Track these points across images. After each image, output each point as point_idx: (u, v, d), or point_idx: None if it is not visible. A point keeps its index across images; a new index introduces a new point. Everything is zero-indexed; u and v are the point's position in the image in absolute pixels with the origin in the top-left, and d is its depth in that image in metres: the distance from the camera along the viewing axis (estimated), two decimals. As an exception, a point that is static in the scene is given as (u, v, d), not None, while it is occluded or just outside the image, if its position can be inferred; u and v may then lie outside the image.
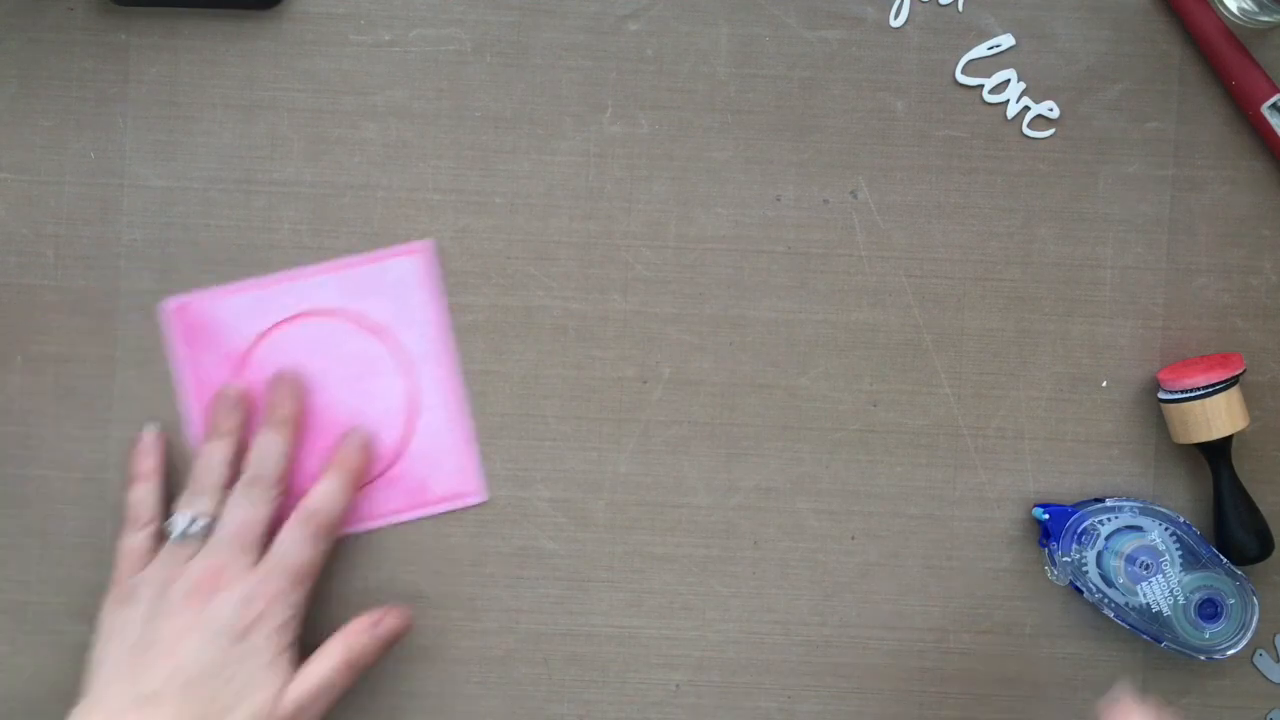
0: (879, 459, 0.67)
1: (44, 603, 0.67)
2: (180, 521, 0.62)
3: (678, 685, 0.68)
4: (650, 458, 0.68)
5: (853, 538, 0.68)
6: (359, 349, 0.66)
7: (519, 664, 0.68)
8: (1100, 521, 0.65)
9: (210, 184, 0.67)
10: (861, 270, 0.67)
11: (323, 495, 0.63)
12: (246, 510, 0.62)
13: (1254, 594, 0.65)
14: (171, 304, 0.66)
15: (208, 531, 0.61)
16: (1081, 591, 0.65)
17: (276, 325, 0.66)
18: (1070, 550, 0.65)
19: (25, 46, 0.67)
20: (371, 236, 0.67)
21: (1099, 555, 0.65)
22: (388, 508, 0.67)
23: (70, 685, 0.61)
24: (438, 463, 0.66)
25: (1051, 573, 0.66)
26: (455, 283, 0.67)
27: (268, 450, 0.63)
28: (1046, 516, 0.65)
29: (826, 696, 0.68)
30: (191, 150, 0.67)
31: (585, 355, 0.67)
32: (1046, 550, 0.66)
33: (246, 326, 0.66)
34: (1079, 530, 0.65)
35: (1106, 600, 0.65)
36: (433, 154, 0.67)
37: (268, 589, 0.60)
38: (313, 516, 0.63)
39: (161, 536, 0.63)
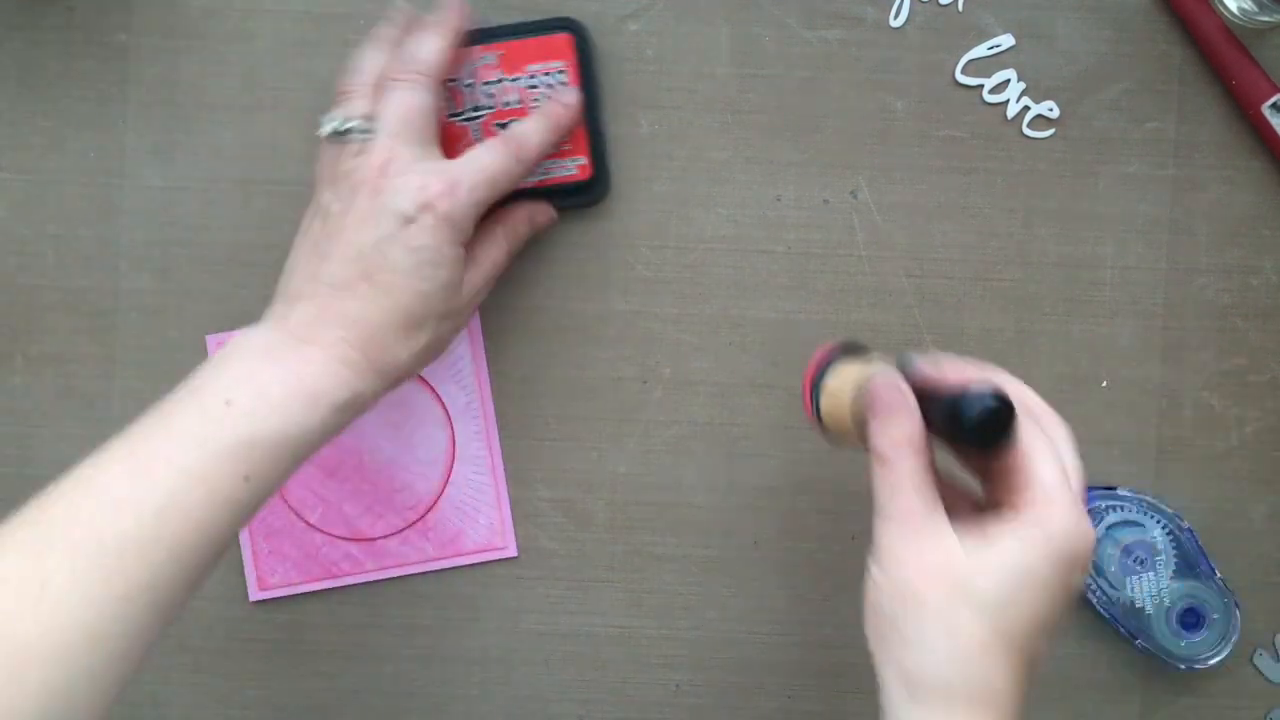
0: (879, 459, 0.67)
1: (44, 603, 0.67)
2: (331, 120, 0.58)
3: (678, 685, 0.68)
4: (650, 458, 0.68)
5: (853, 538, 0.68)
6: (403, 397, 0.66)
7: (519, 664, 0.68)
8: (1107, 508, 0.65)
9: (210, 184, 0.67)
10: (861, 270, 0.67)
11: (527, 125, 0.61)
12: (406, 96, 0.58)
13: (1238, 611, 0.65)
14: (212, 341, 0.66)
15: (367, 130, 0.57)
16: None
17: None
18: None
19: (25, 46, 0.67)
20: (371, 236, 0.67)
21: (1097, 542, 0.65)
22: (419, 555, 0.67)
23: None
24: (472, 514, 0.67)
25: None
26: (455, 283, 0.67)
27: (424, 43, 0.59)
28: None
29: (826, 696, 0.68)
30: (191, 150, 0.67)
31: (585, 355, 0.67)
32: None
33: None
34: None
35: (1092, 587, 0.65)
36: (433, 154, 0.67)
37: (443, 180, 0.56)
38: (514, 137, 0.60)
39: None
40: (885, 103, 0.67)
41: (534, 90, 0.64)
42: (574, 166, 0.65)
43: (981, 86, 0.67)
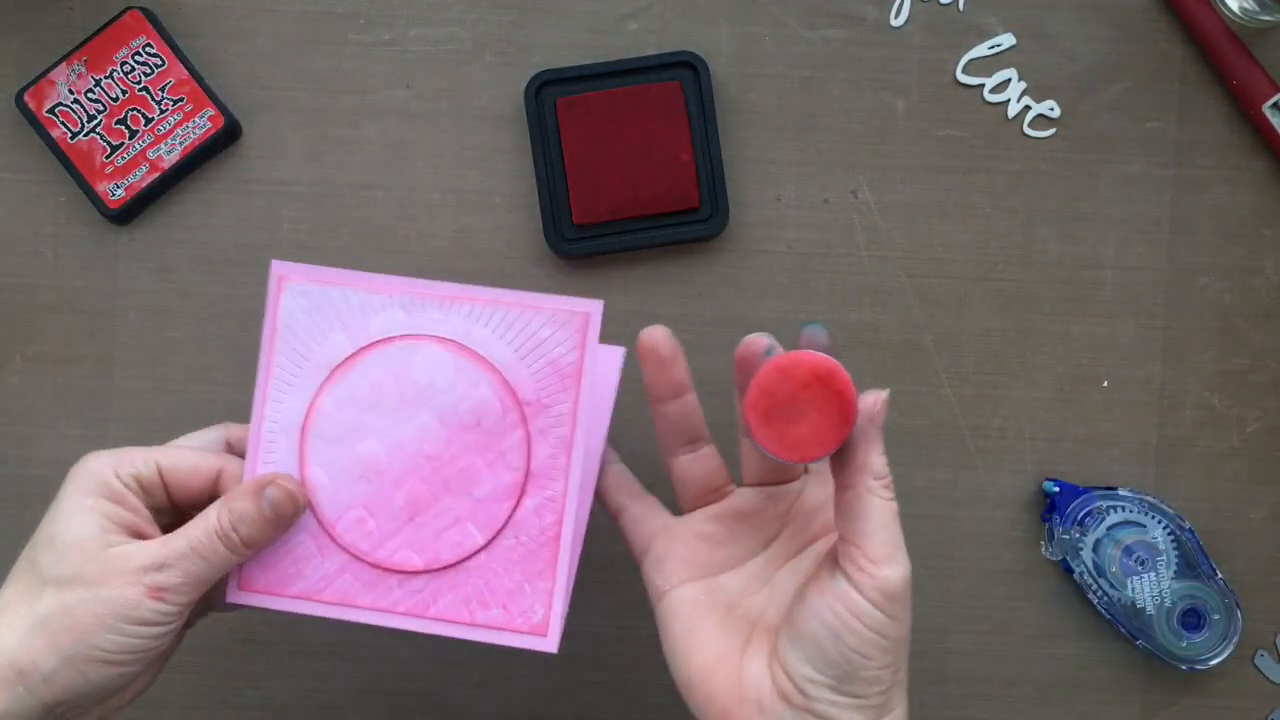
0: (879, 459, 0.67)
1: (44, 603, 0.67)
2: None
3: (678, 685, 0.68)
4: (651, 457, 0.67)
5: (853, 538, 0.68)
6: (374, 379, 0.54)
7: (518, 664, 0.68)
8: (1108, 509, 0.65)
9: (211, 184, 0.67)
10: (861, 270, 0.67)
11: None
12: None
13: (1239, 612, 0.65)
14: (280, 269, 0.54)
15: None
16: (1071, 572, 0.66)
17: (395, 339, 0.54)
18: (1070, 529, 0.65)
19: (25, 46, 0.67)
20: (371, 236, 0.67)
21: (1098, 542, 0.65)
22: (437, 608, 0.54)
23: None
24: (519, 580, 0.53)
25: (1046, 548, 0.66)
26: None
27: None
28: (1057, 490, 0.65)
29: (826, 697, 0.68)
30: (191, 150, 0.67)
31: (585, 355, 0.67)
32: (1047, 525, 0.66)
33: (358, 327, 0.54)
34: (1084, 512, 0.65)
35: (1093, 587, 0.65)
36: (433, 154, 0.67)
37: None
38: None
39: None
40: (885, 102, 0.67)
41: (131, 74, 0.65)
42: (205, 120, 0.66)
43: (982, 86, 0.67)
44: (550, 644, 0.53)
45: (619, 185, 0.65)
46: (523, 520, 0.53)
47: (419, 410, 0.53)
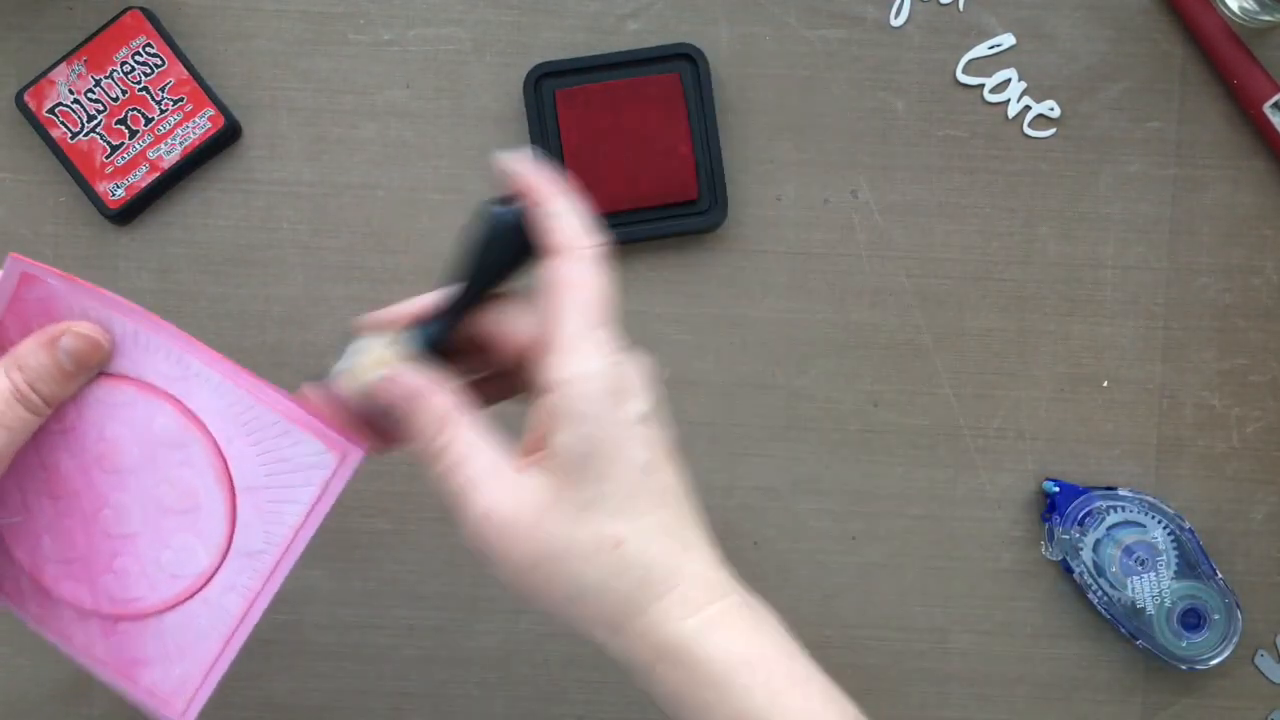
0: (879, 459, 0.67)
1: (44, 602, 0.67)
2: None
3: (678, 685, 0.68)
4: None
5: (853, 538, 0.68)
6: (179, 461, 0.46)
7: (519, 664, 0.68)
8: (1108, 509, 0.65)
9: (211, 184, 0.67)
10: (861, 270, 0.67)
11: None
12: None
13: (1239, 612, 0.65)
14: (20, 264, 0.45)
15: None
16: (1071, 572, 0.66)
17: (111, 378, 0.46)
18: (1070, 529, 0.65)
19: (25, 46, 0.67)
20: (371, 236, 0.67)
21: (1098, 542, 0.65)
22: (90, 645, 0.48)
23: (70, 685, 0.62)
24: (182, 645, 0.48)
25: (1046, 548, 0.66)
26: (455, 283, 0.67)
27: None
28: (1057, 490, 0.65)
29: (826, 697, 0.68)
30: (191, 150, 0.67)
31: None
32: (1047, 525, 0.66)
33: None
34: (1084, 512, 0.65)
35: (1093, 587, 0.65)
36: (433, 154, 0.67)
37: None
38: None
39: None
40: (885, 102, 0.67)
41: (131, 74, 0.65)
42: (205, 120, 0.65)
43: (982, 86, 0.67)
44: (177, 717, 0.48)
45: (618, 177, 0.65)
46: (201, 605, 0.47)
47: (134, 463, 0.46)
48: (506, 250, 0.43)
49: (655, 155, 0.65)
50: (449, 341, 0.44)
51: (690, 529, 0.43)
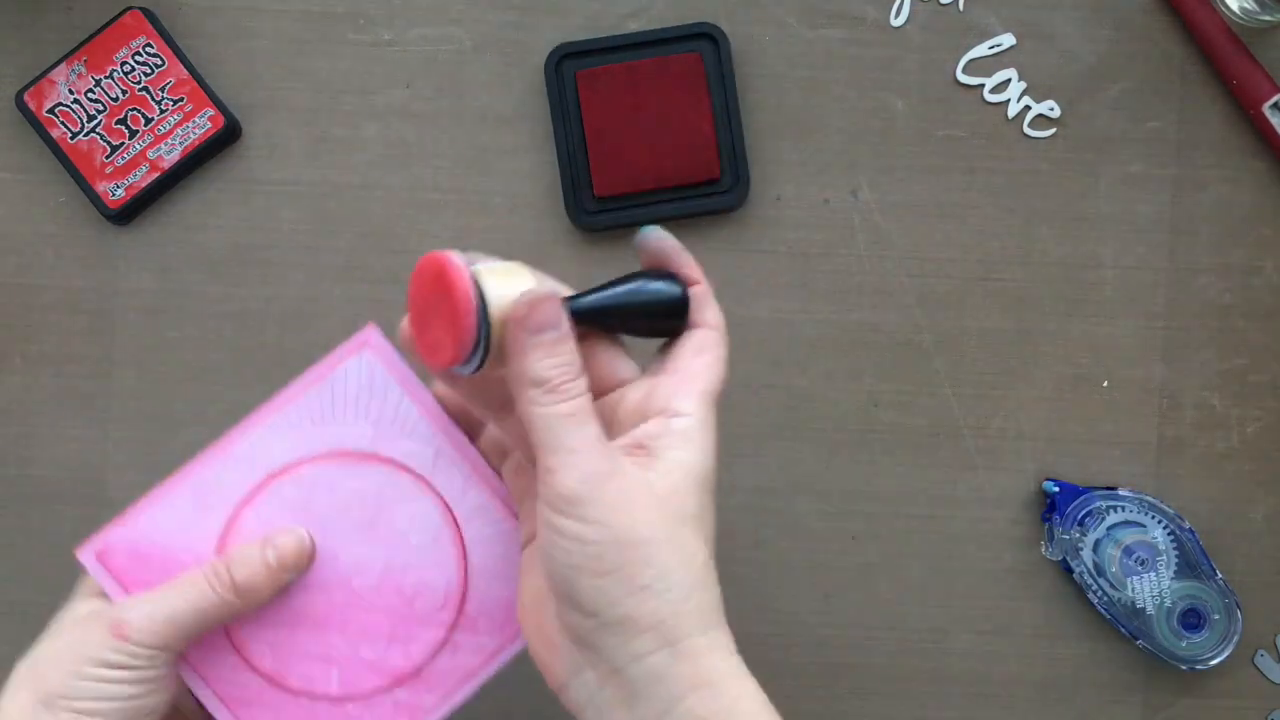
0: (879, 459, 0.67)
1: (44, 603, 0.67)
2: None
3: (678, 685, 0.68)
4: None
5: (853, 538, 0.68)
6: (358, 489, 0.51)
7: (519, 664, 0.68)
8: (1108, 509, 0.65)
9: (211, 184, 0.67)
10: (861, 270, 0.67)
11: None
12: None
13: (1239, 612, 0.65)
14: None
15: None
16: (1071, 572, 0.66)
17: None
18: (1070, 529, 0.65)
19: (25, 46, 0.67)
20: (371, 236, 0.67)
21: (1098, 542, 0.65)
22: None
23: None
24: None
25: (1046, 548, 0.66)
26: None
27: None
28: (1057, 490, 0.65)
29: (826, 697, 0.68)
30: (191, 150, 0.67)
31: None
32: (1047, 525, 0.66)
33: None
34: (1084, 512, 0.65)
35: (1093, 587, 0.65)
36: (433, 154, 0.67)
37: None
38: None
39: None
40: (885, 103, 0.67)
41: (131, 74, 0.65)
42: (205, 120, 0.66)
43: (982, 86, 0.67)
44: None
45: (640, 157, 0.65)
46: (378, 705, 0.51)
47: (376, 545, 0.50)
48: (660, 317, 0.47)
49: (677, 135, 0.65)
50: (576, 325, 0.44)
51: (679, 634, 0.43)
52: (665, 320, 0.47)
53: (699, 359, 0.46)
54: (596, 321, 0.45)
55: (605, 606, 0.41)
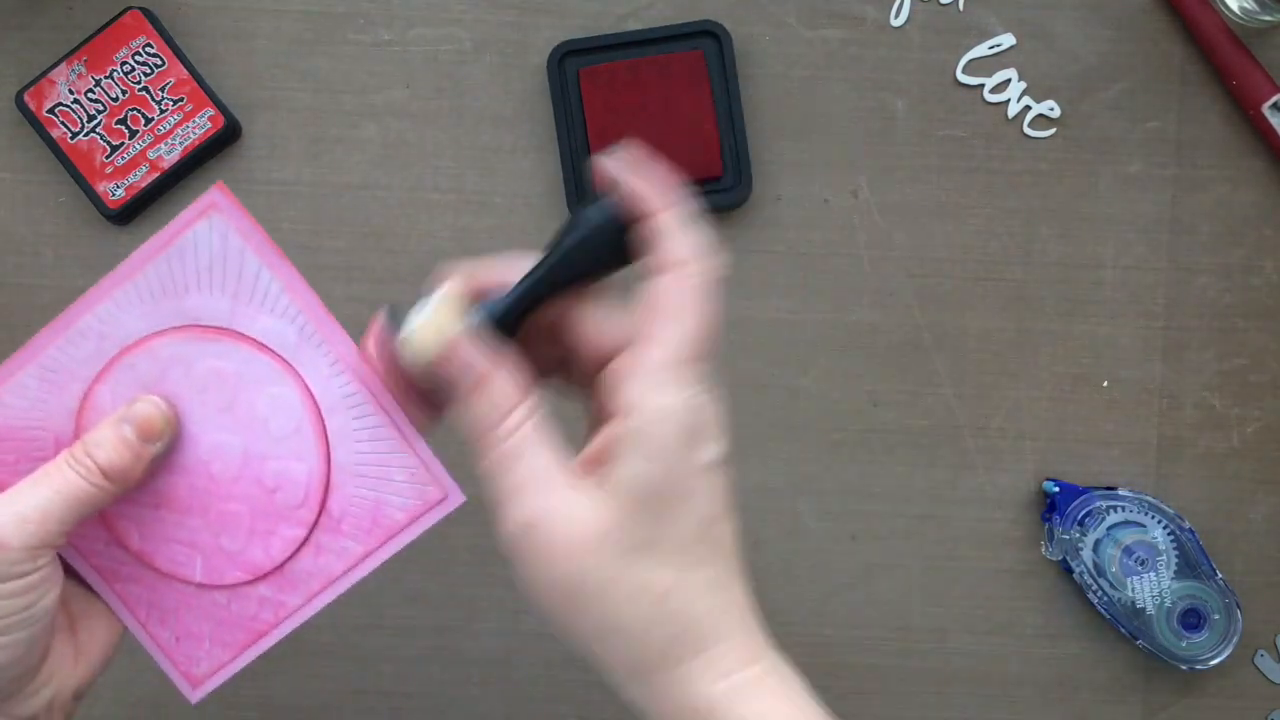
0: (879, 459, 0.67)
1: (44, 602, 0.67)
2: None
3: (678, 685, 0.68)
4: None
5: (853, 538, 0.68)
6: (214, 368, 0.47)
7: (519, 664, 0.68)
8: (1108, 509, 0.65)
9: (211, 184, 0.67)
10: (861, 270, 0.67)
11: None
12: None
13: (1239, 612, 0.65)
14: (220, 198, 0.48)
15: None
16: (1071, 572, 0.66)
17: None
18: (1070, 529, 0.65)
19: (25, 46, 0.67)
20: (371, 236, 0.67)
21: (1098, 542, 0.65)
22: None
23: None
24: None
25: (1047, 548, 0.66)
26: (455, 283, 0.67)
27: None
28: (1057, 490, 0.65)
29: (827, 697, 0.68)
30: (191, 150, 0.67)
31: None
32: (1047, 525, 0.66)
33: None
34: (1084, 512, 0.65)
35: (1093, 587, 0.65)
36: (433, 154, 0.67)
37: None
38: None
39: None
40: (885, 103, 0.67)
41: (131, 74, 0.65)
42: (205, 120, 0.65)
43: (982, 86, 0.67)
44: (192, 697, 0.50)
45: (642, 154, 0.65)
46: (244, 597, 0.49)
47: (236, 431, 0.47)
48: (594, 251, 0.41)
49: (679, 132, 0.65)
50: (521, 322, 0.41)
51: (735, 586, 0.41)
52: (610, 262, 0.41)
53: (657, 320, 0.39)
54: (541, 299, 0.41)
55: (570, 641, 0.40)
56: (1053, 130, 0.67)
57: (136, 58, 0.65)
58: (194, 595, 0.49)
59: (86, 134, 0.65)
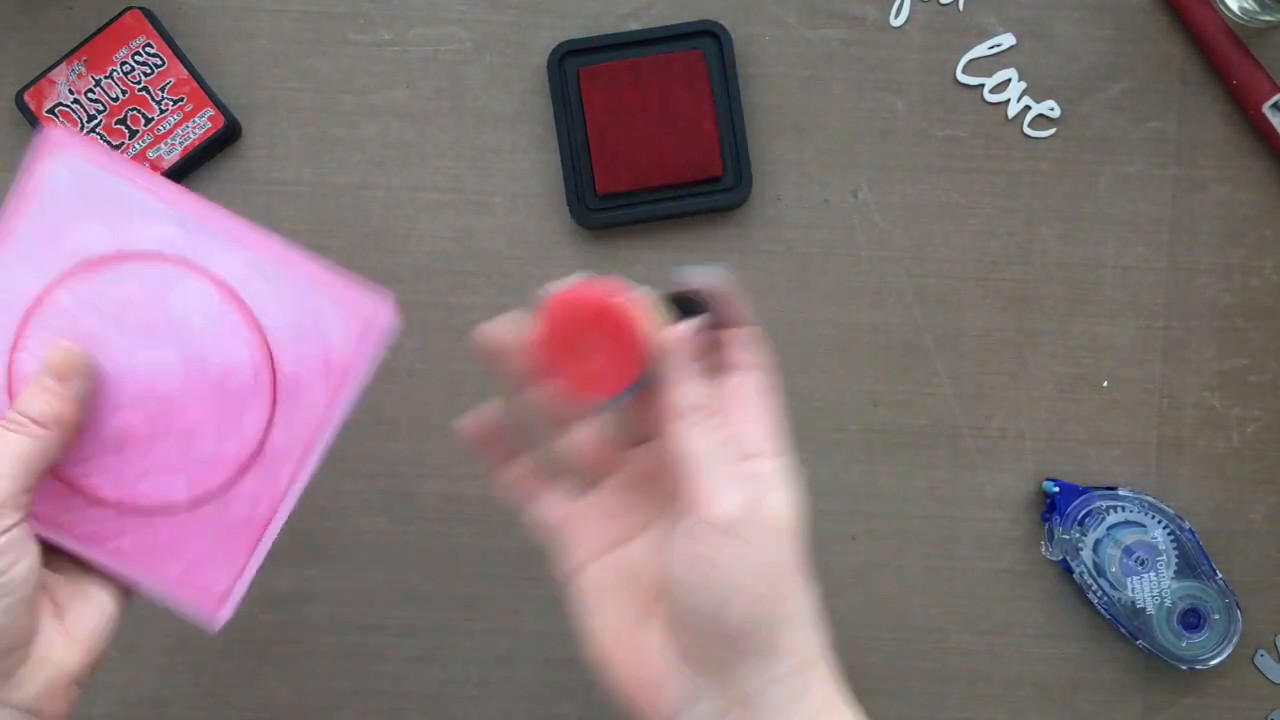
0: (879, 459, 0.67)
1: None
2: None
3: (678, 685, 0.68)
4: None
5: (853, 538, 0.68)
6: (119, 295, 0.48)
7: (519, 664, 0.68)
8: (1108, 509, 0.65)
9: (211, 184, 0.67)
10: (861, 270, 0.67)
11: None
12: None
13: (1239, 612, 0.65)
14: (56, 136, 0.48)
15: None
16: (1071, 572, 0.66)
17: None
18: (1071, 529, 0.65)
19: (25, 46, 0.67)
20: (371, 236, 0.67)
21: (1098, 542, 0.65)
22: (118, 543, 0.49)
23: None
24: (210, 549, 0.49)
25: (1047, 548, 0.66)
26: (455, 283, 0.67)
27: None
28: (1057, 490, 0.65)
29: (826, 697, 0.68)
30: (191, 150, 0.67)
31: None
32: (1047, 525, 0.66)
33: (125, 229, 0.48)
34: (1084, 512, 0.65)
35: (1093, 587, 0.65)
36: (433, 154, 0.67)
37: None
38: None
39: None
40: (885, 103, 0.67)
41: (131, 74, 0.65)
42: (205, 121, 0.65)
43: (982, 86, 0.67)
44: (218, 621, 0.50)
45: (641, 154, 0.65)
46: (235, 497, 0.49)
47: (165, 343, 0.48)
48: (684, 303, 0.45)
49: (679, 132, 0.65)
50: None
51: (813, 660, 0.44)
52: (685, 306, 0.46)
53: (754, 400, 0.46)
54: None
55: (755, 629, 0.42)
56: (1053, 130, 0.67)
57: (136, 58, 0.65)
58: (185, 520, 0.49)
59: (86, 134, 0.65)
